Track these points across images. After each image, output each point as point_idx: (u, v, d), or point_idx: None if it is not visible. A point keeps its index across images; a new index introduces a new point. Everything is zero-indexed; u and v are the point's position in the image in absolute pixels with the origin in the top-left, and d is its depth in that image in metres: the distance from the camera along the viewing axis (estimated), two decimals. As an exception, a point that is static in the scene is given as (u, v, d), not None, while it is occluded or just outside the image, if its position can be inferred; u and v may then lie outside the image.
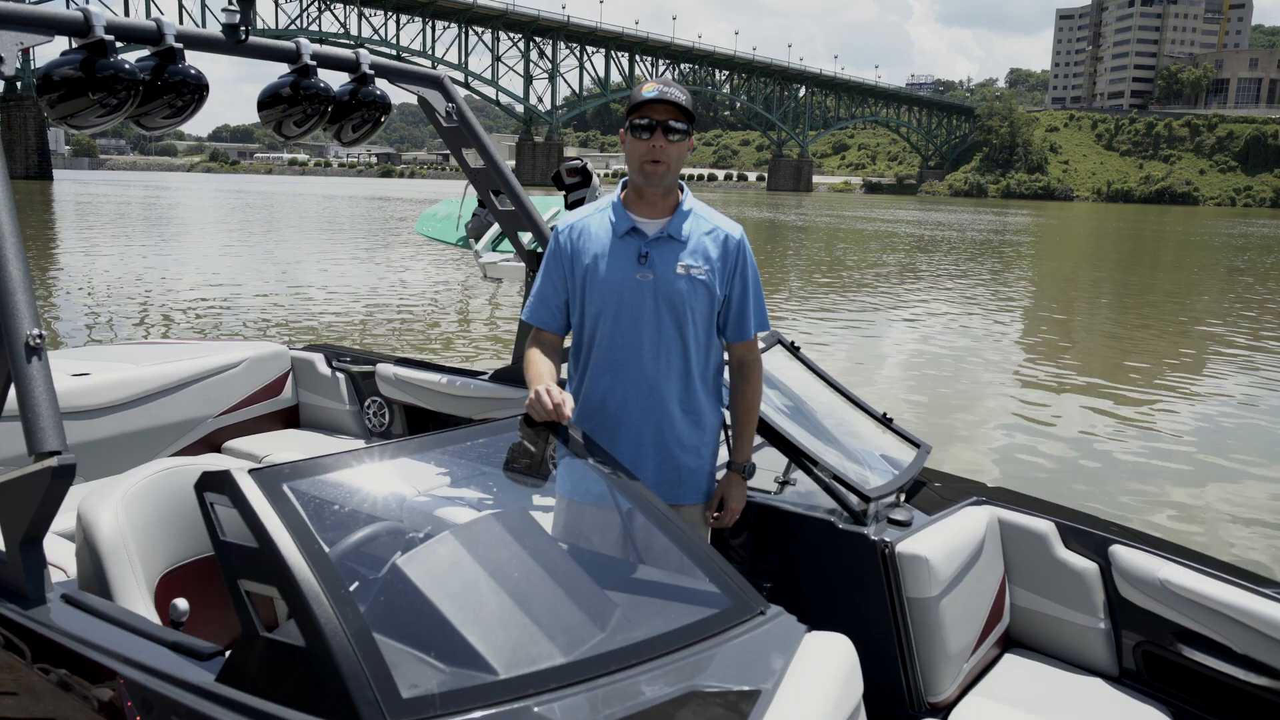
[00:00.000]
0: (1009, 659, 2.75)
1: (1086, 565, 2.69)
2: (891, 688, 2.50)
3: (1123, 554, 2.63)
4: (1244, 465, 6.83)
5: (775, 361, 3.07)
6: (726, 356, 2.48)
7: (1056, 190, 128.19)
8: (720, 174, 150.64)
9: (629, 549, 2.20)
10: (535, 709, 1.62)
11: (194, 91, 2.82)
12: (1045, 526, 2.75)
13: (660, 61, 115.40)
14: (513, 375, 4.07)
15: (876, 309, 14.73)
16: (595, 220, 2.38)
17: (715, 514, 2.44)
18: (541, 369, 2.34)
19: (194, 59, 2.84)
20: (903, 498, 2.78)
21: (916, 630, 2.48)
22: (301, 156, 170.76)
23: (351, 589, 1.81)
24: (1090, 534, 2.71)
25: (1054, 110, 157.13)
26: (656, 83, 2.26)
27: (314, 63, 3.10)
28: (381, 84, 3.42)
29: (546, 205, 4.30)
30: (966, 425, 7.78)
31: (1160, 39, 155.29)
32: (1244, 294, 18.63)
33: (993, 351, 11.34)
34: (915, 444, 3.03)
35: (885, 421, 3.09)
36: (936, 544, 2.49)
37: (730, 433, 2.50)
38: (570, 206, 4.15)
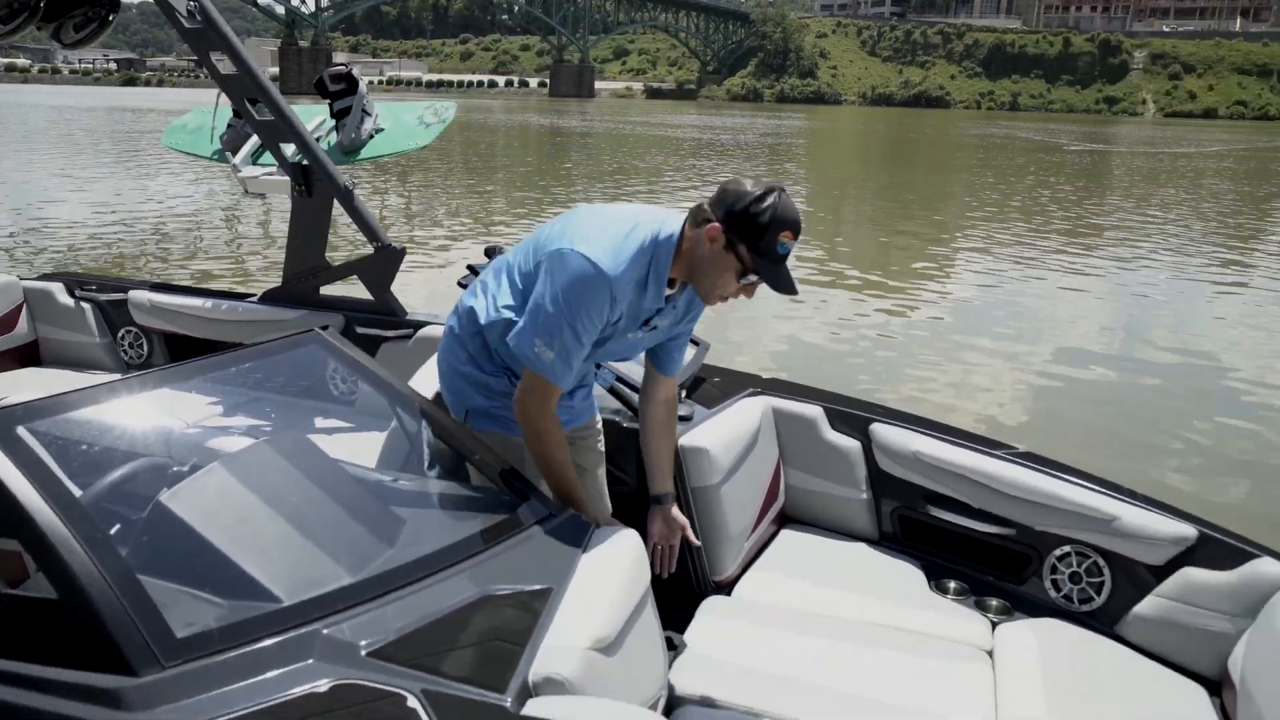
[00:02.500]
0: (785, 534, 2.98)
1: (851, 444, 2.93)
2: (679, 570, 2.65)
3: (881, 431, 2.89)
4: (991, 344, 7.61)
5: None
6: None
7: (826, 94, 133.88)
8: (500, 80, 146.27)
9: (412, 463, 2.18)
10: (325, 631, 1.60)
11: None
12: (814, 412, 2.96)
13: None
14: (284, 296, 3.86)
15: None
16: (635, 273, 1.99)
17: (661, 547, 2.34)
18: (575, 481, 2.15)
19: None
20: (684, 394, 2.90)
21: (700, 516, 2.63)
22: (21, 62, 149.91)
23: (112, 532, 1.70)
24: (854, 415, 2.95)
25: (822, 18, 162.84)
26: (792, 232, 1.93)
27: None
28: None
29: (310, 114, 4.03)
30: (743, 321, 8.17)
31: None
32: (987, 191, 20.41)
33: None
34: (694, 342, 3.15)
35: None
36: (716, 436, 2.63)
37: (658, 464, 2.35)
38: (335, 115, 3.91)
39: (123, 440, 1.94)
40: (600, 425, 2.46)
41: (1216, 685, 2.28)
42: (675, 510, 2.36)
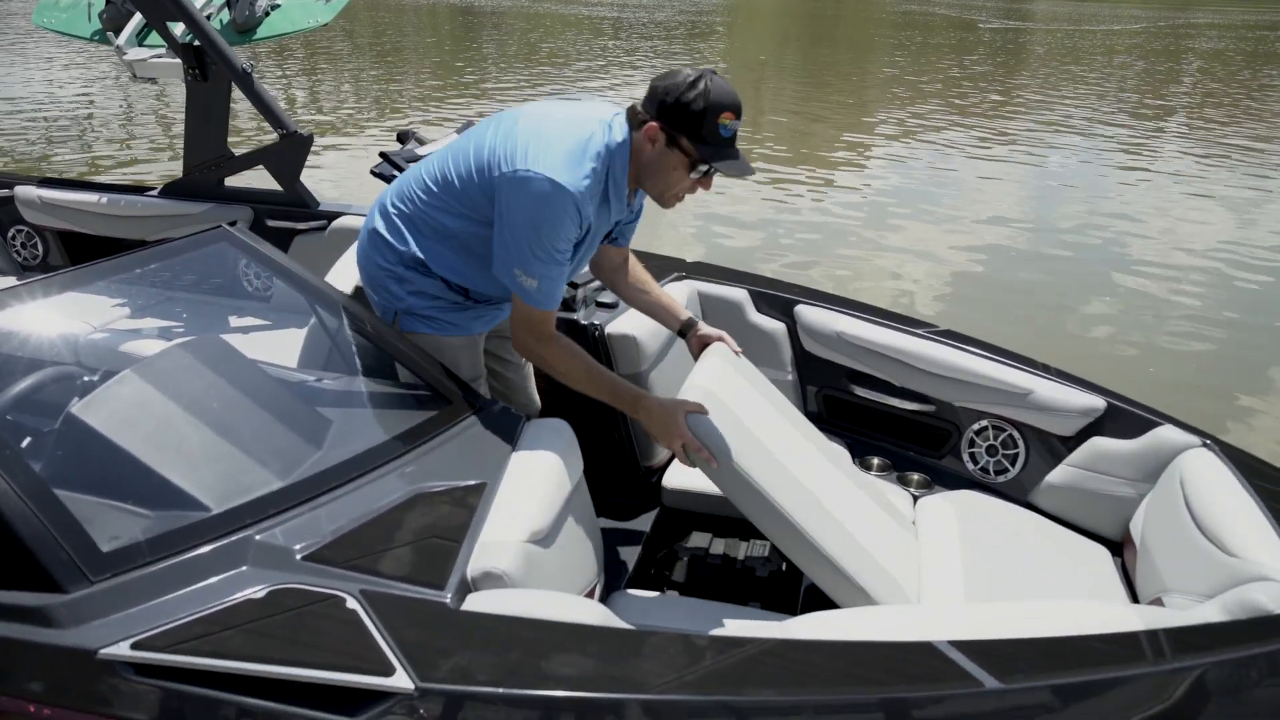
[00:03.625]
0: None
1: (776, 326, 2.96)
2: (612, 458, 2.68)
3: (806, 312, 2.92)
4: (909, 225, 7.71)
5: None
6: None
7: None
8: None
9: (335, 361, 2.13)
10: (257, 538, 1.57)
11: None
12: (739, 295, 2.97)
13: None
14: (187, 188, 3.66)
15: (575, 97, 14.59)
16: (597, 188, 1.92)
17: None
18: (617, 379, 2.06)
19: None
20: None
21: None
22: None
23: (22, 446, 1.63)
24: (778, 297, 2.98)
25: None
26: (733, 113, 1.86)
27: None
28: None
29: (199, -11, 3.74)
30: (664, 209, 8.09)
31: None
32: (905, 71, 20.33)
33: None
34: None
35: None
36: (642, 322, 2.62)
37: (660, 306, 2.36)
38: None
39: (25, 349, 1.84)
40: None
41: (1118, 546, 2.44)
42: (706, 327, 2.32)
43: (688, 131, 1.86)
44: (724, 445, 1.89)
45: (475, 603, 1.51)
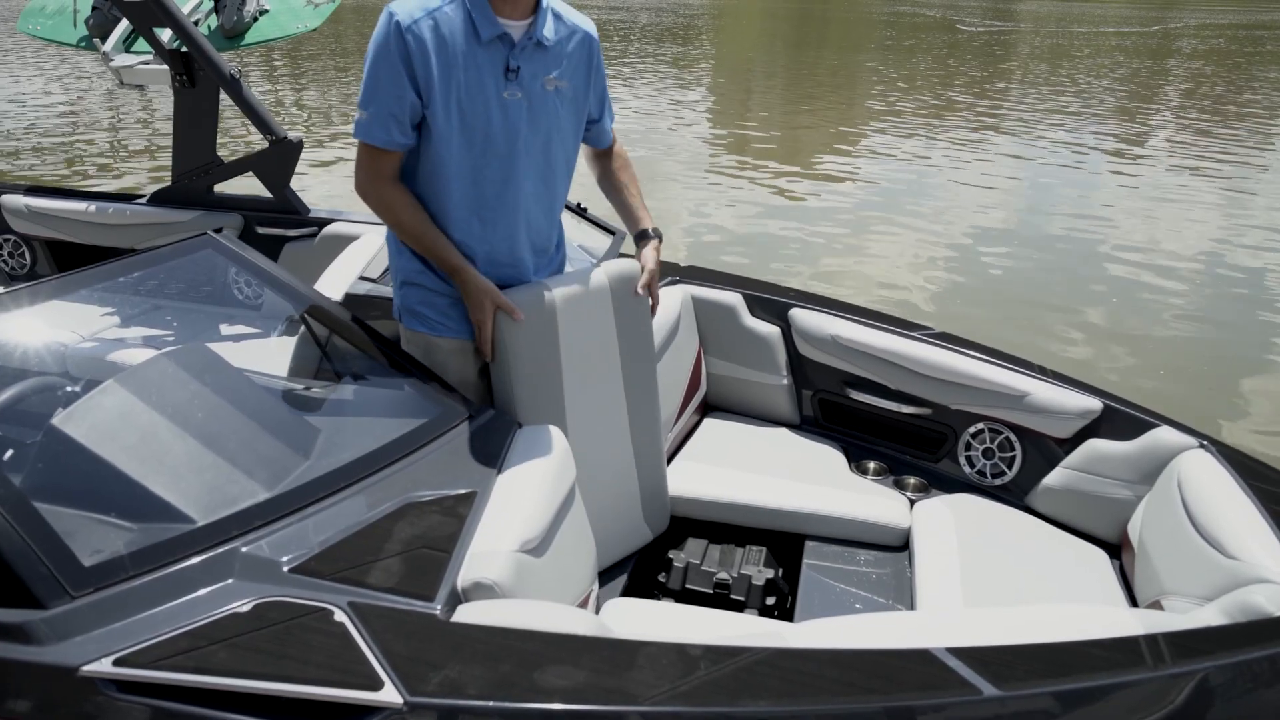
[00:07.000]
0: (708, 423, 3.01)
1: (770, 330, 2.94)
2: None
3: (800, 316, 2.90)
4: (898, 228, 7.71)
5: None
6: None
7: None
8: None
9: (324, 370, 2.10)
10: (244, 550, 1.55)
11: None
12: (733, 299, 2.95)
13: None
14: (175, 196, 3.63)
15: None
16: (448, 15, 1.91)
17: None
18: (444, 241, 2.03)
19: None
20: None
21: None
22: None
23: (4, 458, 1.60)
24: (772, 301, 2.96)
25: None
26: None
27: None
28: None
29: (186, -6, 3.71)
30: (656, 207, 8.09)
31: None
32: (890, 73, 20.38)
33: (677, 136, 11.71)
34: (610, 231, 3.09)
35: (580, 212, 3.11)
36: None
37: (625, 210, 2.37)
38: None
39: (7, 360, 1.81)
40: None
41: (1116, 548, 2.42)
42: (650, 254, 2.31)
43: None
44: (518, 348, 2.06)
45: (466, 614, 1.49)
